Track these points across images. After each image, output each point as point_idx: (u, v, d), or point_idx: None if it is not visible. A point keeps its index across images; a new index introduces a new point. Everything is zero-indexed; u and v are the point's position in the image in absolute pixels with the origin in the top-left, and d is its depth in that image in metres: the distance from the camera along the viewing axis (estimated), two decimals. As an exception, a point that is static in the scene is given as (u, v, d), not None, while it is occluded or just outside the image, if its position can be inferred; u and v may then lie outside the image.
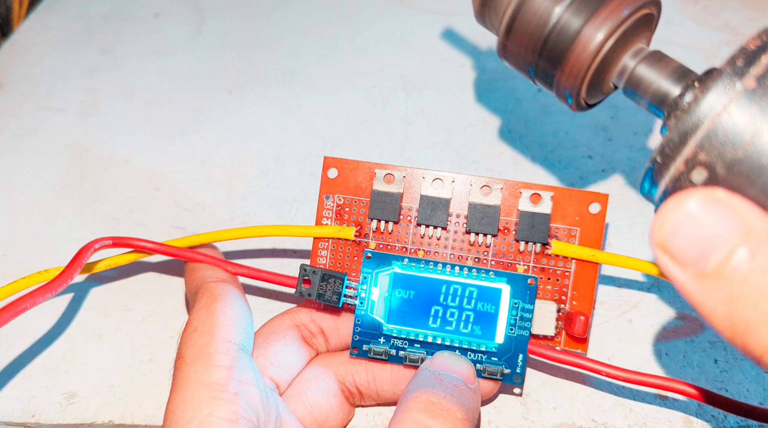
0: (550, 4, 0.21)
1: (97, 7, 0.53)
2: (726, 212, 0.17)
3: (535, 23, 0.22)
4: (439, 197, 0.29)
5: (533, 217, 0.28)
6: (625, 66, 0.22)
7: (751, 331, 0.17)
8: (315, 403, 0.28)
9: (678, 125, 0.18)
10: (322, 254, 0.30)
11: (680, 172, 0.18)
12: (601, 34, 0.20)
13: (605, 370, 0.27)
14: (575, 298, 0.29)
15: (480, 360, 0.28)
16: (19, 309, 0.24)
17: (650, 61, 0.21)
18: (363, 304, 0.28)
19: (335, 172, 0.30)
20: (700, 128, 0.18)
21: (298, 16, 0.51)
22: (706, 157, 0.18)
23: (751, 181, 0.17)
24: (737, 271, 0.17)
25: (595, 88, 0.22)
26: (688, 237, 0.17)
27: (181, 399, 0.24)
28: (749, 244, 0.17)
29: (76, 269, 0.27)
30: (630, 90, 0.22)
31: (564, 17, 0.21)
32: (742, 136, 0.17)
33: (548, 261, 0.29)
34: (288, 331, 0.29)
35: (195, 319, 0.26)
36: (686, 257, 0.17)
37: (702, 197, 0.17)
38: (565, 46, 0.21)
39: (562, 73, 0.21)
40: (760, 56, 0.18)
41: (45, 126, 0.43)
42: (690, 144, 0.18)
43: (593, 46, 0.21)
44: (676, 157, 0.18)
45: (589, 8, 0.21)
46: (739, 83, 0.18)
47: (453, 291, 0.28)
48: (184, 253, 0.29)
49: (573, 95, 0.22)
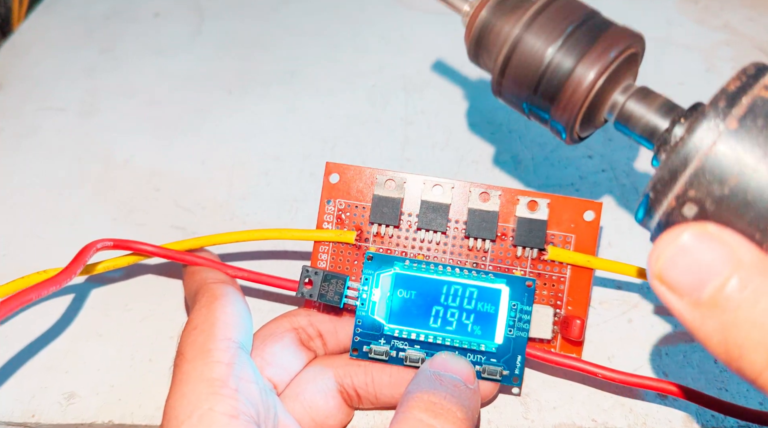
0: (542, 45, 0.22)
1: (97, 7, 0.53)
2: (717, 245, 0.18)
3: (529, 63, 0.23)
4: (439, 202, 0.30)
5: (530, 224, 0.29)
6: (616, 102, 0.23)
7: (745, 357, 0.18)
8: (313, 404, 0.28)
9: (667, 163, 0.19)
10: (322, 258, 0.30)
11: (672, 207, 0.19)
12: (593, 74, 0.22)
13: (601, 372, 0.27)
14: (570, 303, 0.29)
15: (479, 362, 0.28)
16: (25, 299, 0.24)
17: (638, 96, 0.23)
18: (364, 305, 0.28)
19: (337, 177, 0.30)
20: (688, 167, 0.19)
21: (298, 16, 0.51)
22: (696, 194, 0.19)
23: (739, 215, 0.18)
24: (730, 301, 0.18)
25: (588, 122, 0.23)
26: (683, 269, 0.19)
27: (180, 395, 0.24)
28: (740, 275, 0.18)
29: (80, 265, 0.27)
30: (621, 124, 0.23)
31: (557, 58, 0.22)
32: (727, 174, 0.18)
33: (544, 266, 0.29)
34: (286, 333, 0.29)
35: (195, 318, 0.26)
36: (682, 287, 0.19)
37: (694, 231, 0.19)
38: (560, 85, 0.22)
39: (557, 109, 0.22)
40: (741, 97, 0.19)
41: (45, 126, 0.43)
42: (680, 181, 0.19)
43: (586, 85, 0.22)
44: (668, 193, 0.19)
45: (579, 49, 0.22)
46: (722, 124, 0.19)
47: (454, 291, 0.28)
48: (184, 257, 0.29)
49: (567, 129, 0.23)
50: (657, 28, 0.48)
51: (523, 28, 0.23)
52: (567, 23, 0.23)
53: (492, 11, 0.24)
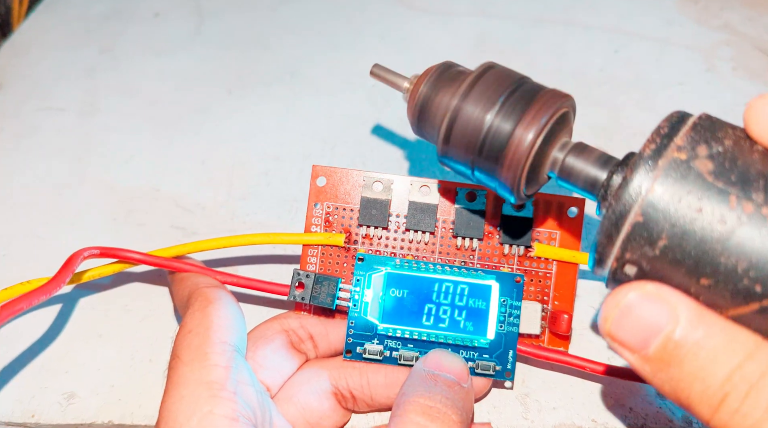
0: (480, 113, 0.24)
1: (97, 7, 0.53)
2: (657, 303, 0.20)
3: (471, 129, 0.24)
4: (426, 203, 0.30)
5: (516, 221, 0.30)
6: (555, 158, 0.24)
7: (692, 406, 0.19)
8: (307, 406, 0.28)
9: (603, 228, 0.21)
10: (311, 261, 0.30)
11: (615, 267, 0.21)
12: (531, 134, 0.23)
13: (589, 365, 0.28)
14: (557, 298, 0.30)
15: (472, 358, 0.28)
16: (16, 309, 0.24)
17: (576, 152, 0.24)
18: (356, 306, 0.29)
19: (324, 180, 0.31)
20: (621, 232, 0.20)
21: (298, 16, 0.51)
22: (632, 256, 0.20)
23: (673, 271, 0.20)
24: (673, 356, 0.19)
25: (532, 180, 0.25)
26: (629, 328, 0.20)
27: (178, 397, 0.24)
28: (680, 331, 0.19)
29: (68, 274, 0.27)
30: (562, 179, 0.24)
31: (495, 122, 0.24)
32: (655, 236, 0.20)
33: (531, 263, 0.30)
34: (276, 336, 0.29)
35: (189, 322, 0.26)
36: (631, 345, 0.20)
37: (634, 293, 0.20)
38: (502, 146, 0.24)
39: (502, 169, 0.24)
40: (657, 160, 0.20)
41: (45, 126, 0.43)
42: (615, 246, 0.20)
43: (526, 145, 0.23)
44: (609, 255, 0.21)
45: (515, 114, 0.24)
46: (644, 187, 0.20)
47: (445, 288, 0.29)
48: (171, 264, 0.29)
49: (513, 188, 0.24)
50: (657, 28, 0.48)
51: (461, 98, 0.24)
52: (501, 91, 0.24)
53: (431, 86, 0.26)
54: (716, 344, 0.19)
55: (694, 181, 0.19)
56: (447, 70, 0.26)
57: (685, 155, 0.20)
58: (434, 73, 0.26)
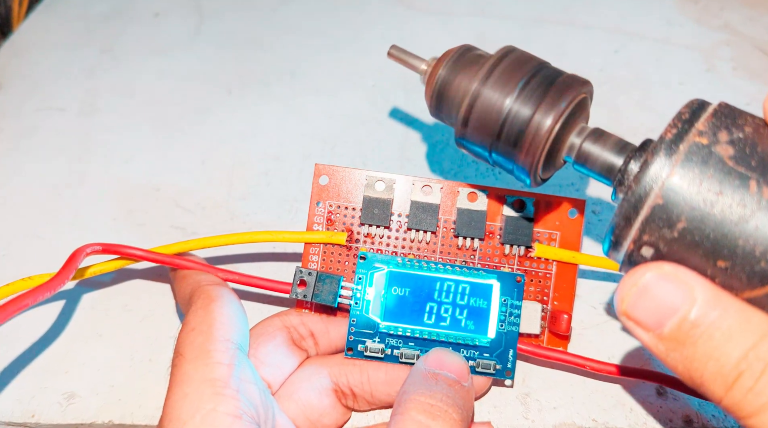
0: (500, 97, 0.24)
1: (97, 7, 0.53)
2: (674, 284, 0.20)
3: (490, 113, 0.25)
4: (428, 202, 0.30)
5: (517, 222, 0.30)
6: (573, 144, 0.25)
7: (705, 386, 0.20)
8: (307, 403, 0.28)
9: (622, 210, 0.21)
10: (313, 259, 0.31)
11: (631, 250, 0.21)
12: (549, 120, 0.24)
13: (589, 364, 0.29)
14: (557, 298, 0.30)
15: (473, 356, 0.29)
16: (22, 305, 0.24)
17: (593, 137, 0.24)
18: (358, 304, 0.29)
19: (326, 178, 0.31)
20: (640, 214, 0.21)
21: (298, 16, 0.51)
22: (649, 238, 0.21)
23: (690, 253, 0.20)
24: (689, 336, 0.20)
25: (549, 164, 0.25)
26: (645, 308, 0.20)
27: (182, 395, 0.24)
28: (696, 311, 0.20)
29: (72, 270, 0.27)
30: (579, 164, 0.25)
31: (515, 107, 0.24)
32: (674, 219, 0.20)
33: (531, 263, 0.30)
34: (278, 332, 0.29)
35: (192, 319, 0.26)
36: (646, 324, 0.21)
37: (652, 273, 0.20)
38: (521, 131, 0.24)
39: (521, 153, 0.24)
40: (678, 145, 0.20)
41: (45, 126, 0.43)
42: (633, 227, 0.21)
43: (545, 130, 0.24)
44: (626, 237, 0.21)
45: (535, 99, 0.24)
46: (664, 171, 0.20)
47: (447, 287, 0.29)
48: (173, 260, 0.29)
49: (530, 172, 0.25)
50: (657, 28, 0.48)
51: (481, 83, 0.25)
52: (521, 75, 0.25)
53: (450, 69, 0.26)
54: (731, 324, 0.19)
55: (714, 166, 0.20)
56: (466, 53, 0.27)
57: (707, 140, 0.20)
58: (453, 55, 0.27)
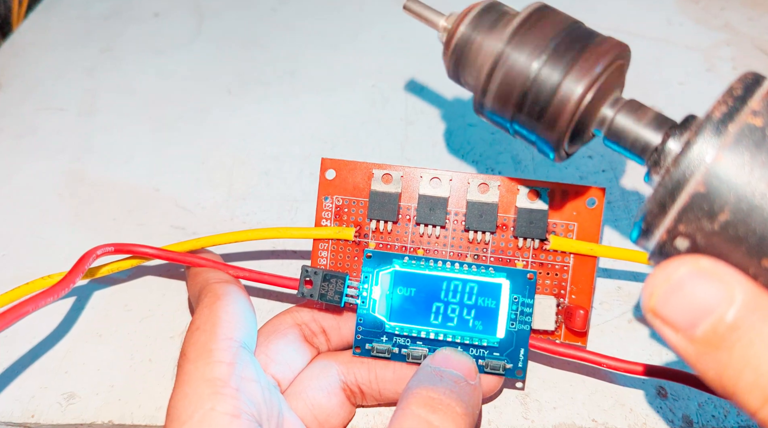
0: (527, 60, 0.22)
1: (97, 7, 0.53)
2: (711, 281, 0.18)
3: (514, 79, 0.22)
4: (437, 196, 0.29)
5: (531, 214, 0.29)
6: (605, 116, 0.22)
7: (739, 395, 0.17)
8: (316, 401, 0.28)
9: (656, 195, 0.19)
10: (322, 255, 0.30)
11: (664, 240, 0.19)
12: (581, 88, 0.21)
13: (606, 362, 0.27)
14: (574, 292, 0.29)
15: (482, 356, 0.28)
16: (22, 312, 0.24)
17: (628, 110, 0.22)
18: (365, 303, 0.28)
19: (333, 173, 0.30)
20: (677, 201, 0.18)
21: (298, 16, 0.51)
22: (686, 228, 0.18)
23: (732, 248, 0.18)
24: (725, 340, 0.17)
25: (576, 138, 0.23)
26: (677, 306, 0.18)
27: (182, 395, 0.24)
28: (734, 313, 0.17)
29: (78, 274, 0.27)
30: (610, 139, 0.22)
31: (542, 72, 0.21)
32: (717, 210, 0.18)
33: (547, 256, 0.29)
34: (289, 330, 0.29)
35: (198, 318, 0.26)
36: (677, 323, 0.18)
37: (687, 268, 0.18)
38: (546, 101, 0.21)
39: (545, 126, 0.22)
40: (727, 125, 0.18)
41: (45, 126, 0.43)
42: (669, 216, 0.18)
43: (574, 100, 0.21)
44: (659, 225, 0.19)
45: (565, 62, 0.21)
46: (709, 156, 0.18)
47: (454, 287, 0.28)
48: (186, 258, 0.29)
49: (555, 146, 0.22)
50: (657, 28, 0.48)
51: (506, 43, 0.22)
52: (551, 35, 0.22)
53: (472, 27, 0.24)
54: None
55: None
56: (491, 9, 0.24)
57: (761, 121, 0.18)
58: (477, 12, 0.24)
